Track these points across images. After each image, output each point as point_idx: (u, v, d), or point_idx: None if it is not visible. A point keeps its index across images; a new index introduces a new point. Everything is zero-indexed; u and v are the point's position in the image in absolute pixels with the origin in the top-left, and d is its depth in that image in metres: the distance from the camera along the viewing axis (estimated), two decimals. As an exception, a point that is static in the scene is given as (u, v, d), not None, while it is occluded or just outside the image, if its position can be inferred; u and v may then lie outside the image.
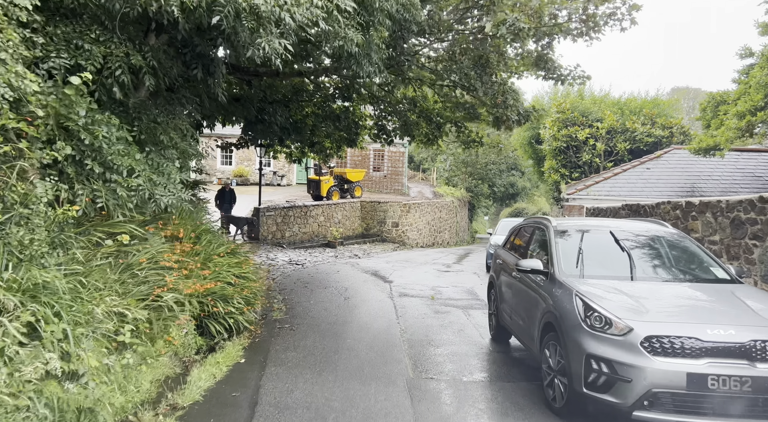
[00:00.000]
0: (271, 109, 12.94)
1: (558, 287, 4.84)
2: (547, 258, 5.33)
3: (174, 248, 6.10)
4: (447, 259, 19.32)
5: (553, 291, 4.87)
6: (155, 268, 5.42)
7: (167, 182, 5.26)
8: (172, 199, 5.08)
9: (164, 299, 5.25)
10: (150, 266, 5.37)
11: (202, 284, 6.32)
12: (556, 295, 4.76)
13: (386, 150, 30.70)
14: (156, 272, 5.48)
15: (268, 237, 19.37)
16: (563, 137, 19.16)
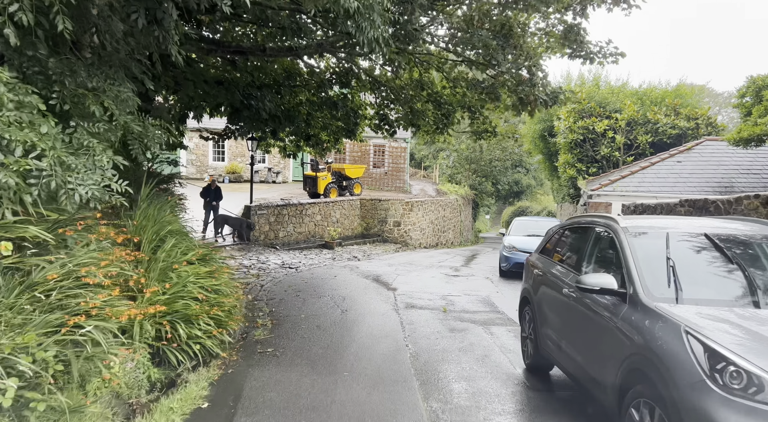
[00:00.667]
0: (258, 94, 11.42)
1: (647, 317, 3.35)
2: (622, 273, 3.82)
3: (112, 257, 4.58)
4: (454, 261, 17.82)
5: (639, 322, 3.38)
6: (77, 286, 3.91)
7: (91, 166, 3.74)
8: (94, 190, 3.57)
9: (86, 331, 3.74)
10: (69, 285, 3.86)
11: (151, 304, 4.81)
12: (647, 328, 3.27)
13: (387, 145, 29.20)
14: (80, 292, 3.97)
15: (260, 238, 17.86)
16: (580, 129, 17.65)
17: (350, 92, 13.94)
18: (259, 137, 16.82)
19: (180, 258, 6.23)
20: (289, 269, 14.06)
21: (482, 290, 11.29)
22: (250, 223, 17.18)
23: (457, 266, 16.19)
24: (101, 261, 4.26)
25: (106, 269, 4.24)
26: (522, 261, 13.04)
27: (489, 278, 13.42)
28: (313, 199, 20.89)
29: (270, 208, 18.18)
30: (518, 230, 14.46)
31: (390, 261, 16.71)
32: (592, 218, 4.83)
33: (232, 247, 16.56)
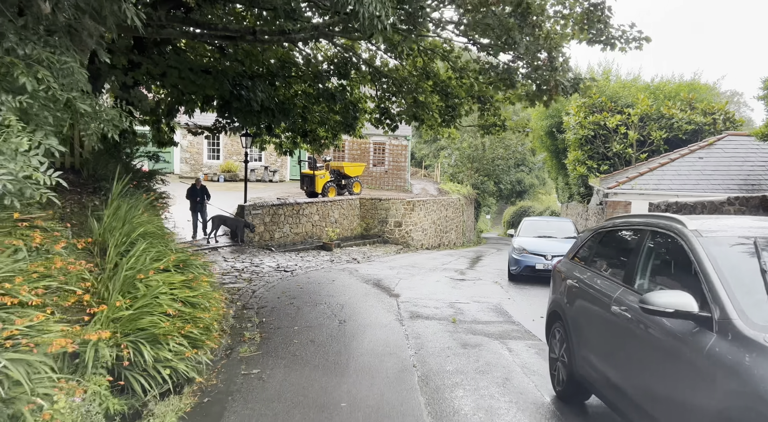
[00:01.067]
0: (249, 83, 10.54)
1: (749, 351, 2.47)
2: (701, 291, 2.94)
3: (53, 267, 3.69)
4: (458, 264, 16.94)
5: (736, 359, 2.50)
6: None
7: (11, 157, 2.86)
8: (6, 181, 2.68)
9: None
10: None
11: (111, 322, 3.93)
12: (751, 369, 2.40)
13: (387, 143, 28.33)
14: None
15: (255, 239, 16.97)
16: (590, 125, 16.78)
17: (349, 84, 13.07)
18: (254, 133, 15.97)
19: (151, 266, 5.35)
20: (284, 273, 13.18)
21: (492, 297, 10.41)
22: (249, 223, 16.31)
23: (463, 269, 15.31)
24: (33, 273, 3.37)
25: (38, 283, 3.35)
26: (532, 264, 12.18)
27: (498, 283, 12.54)
28: (311, 198, 20.02)
29: (265, 208, 17.29)
30: (528, 231, 13.59)
31: (391, 264, 15.83)
32: (646, 219, 3.93)
33: (224, 249, 15.68)
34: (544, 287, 11.86)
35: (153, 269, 5.27)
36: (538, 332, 7.32)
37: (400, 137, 28.24)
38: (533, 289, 11.70)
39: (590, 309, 4.19)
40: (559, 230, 13.44)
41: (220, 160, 27.49)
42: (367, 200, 21.93)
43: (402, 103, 13.28)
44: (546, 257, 12.16)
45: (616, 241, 4.45)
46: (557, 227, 13.64)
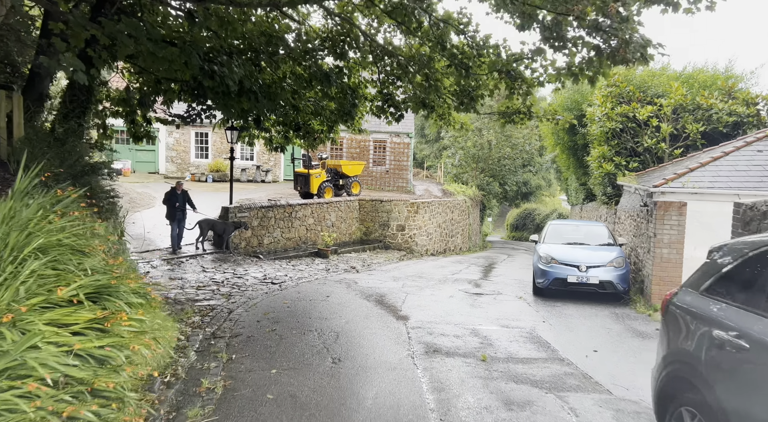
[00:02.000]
0: (224, 58, 8.64)
1: None
2: None
3: None
4: (470, 273, 15.04)
5: None
6: None
7: None
8: None
9: None
10: None
11: None
12: None
13: (388, 141, 26.45)
14: None
15: (241, 245, 15.06)
16: (618, 117, 14.91)
17: (346, 65, 11.20)
18: (241, 126, 14.08)
19: (37, 298, 3.44)
20: (270, 286, 11.28)
21: (523, 319, 8.50)
22: (241, 222, 14.42)
23: (477, 280, 13.41)
24: None
25: None
26: (563, 277, 10.30)
27: (522, 299, 10.65)
28: (306, 200, 18.11)
29: (253, 210, 15.38)
30: (555, 237, 11.69)
31: (395, 274, 13.92)
32: None
33: (206, 257, 13.77)
34: (580, 304, 9.96)
35: (36, 304, 3.35)
36: (600, 376, 5.43)
37: (402, 134, 26.38)
38: (568, 307, 9.81)
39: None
40: (591, 236, 11.56)
41: (208, 159, 25.60)
42: (366, 201, 20.05)
43: (408, 89, 11.41)
44: (579, 269, 10.27)
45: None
46: (589, 232, 11.76)
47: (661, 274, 9.19)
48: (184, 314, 8.24)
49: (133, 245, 13.73)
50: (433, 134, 49.55)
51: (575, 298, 10.55)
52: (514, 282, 13.35)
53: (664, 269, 9.18)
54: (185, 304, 9.12)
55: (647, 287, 9.64)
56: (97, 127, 12.15)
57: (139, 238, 14.57)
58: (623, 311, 9.46)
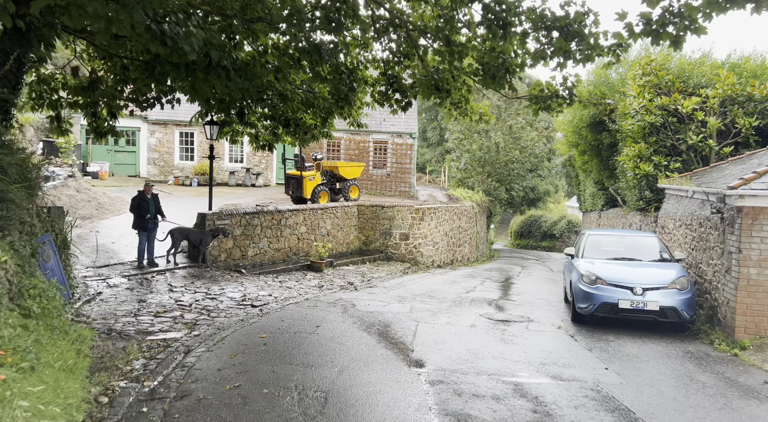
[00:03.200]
0: (181, 17, 6.58)
1: None
2: None
3: None
4: (486, 290, 12.95)
5: None
6: None
7: None
8: None
9: None
10: None
11: None
12: None
13: (390, 142, 24.40)
14: None
15: (220, 258, 12.96)
16: (658, 110, 12.87)
17: (342, 41, 9.14)
18: (222, 121, 12.08)
19: None
20: (249, 310, 9.19)
21: (576, 364, 6.39)
22: (221, 230, 12.29)
23: (497, 300, 11.31)
24: None
25: None
26: (613, 301, 8.21)
27: (563, 328, 8.55)
28: (298, 205, 16.02)
29: (235, 217, 13.29)
30: (596, 251, 9.58)
31: (400, 292, 11.82)
32: None
33: (178, 273, 11.66)
34: (637, 336, 7.66)
35: None
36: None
37: (405, 134, 24.35)
38: (624, 342, 7.70)
39: None
40: (640, 249, 9.47)
41: (194, 161, 23.52)
42: (366, 207, 17.97)
43: (418, 69, 9.36)
44: (634, 291, 8.19)
45: None
46: (637, 245, 9.66)
47: (748, 301, 7.12)
48: (123, 358, 6.14)
49: (91, 259, 11.63)
50: (435, 137, 47.50)
51: (627, 327, 8.46)
52: (541, 303, 11.25)
53: (753, 294, 7.10)
54: (132, 339, 7.02)
55: (727, 317, 7.53)
56: (51, 119, 10.10)
57: (102, 250, 12.48)
58: (698, 348, 7.36)
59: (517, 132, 31.38)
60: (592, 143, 17.18)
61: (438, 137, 47.52)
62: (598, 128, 16.70)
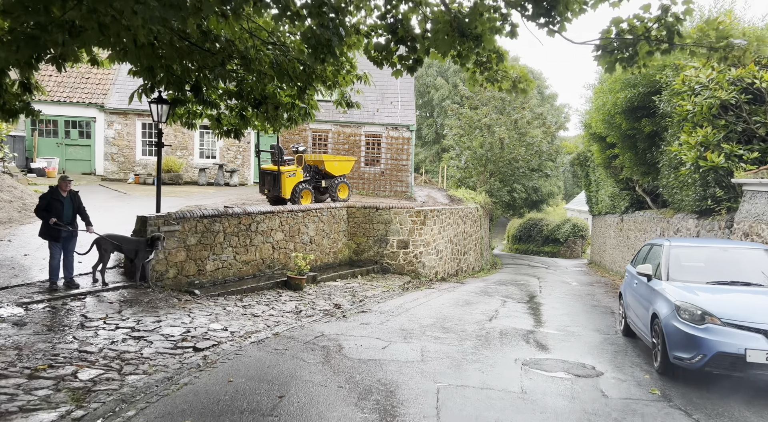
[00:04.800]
0: None
1: None
2: None
3: None
4: (512, 315, 10.08)
5: None
6: None
7: None
8: None
9: None
10: None
11: None
12: None
13: (384, 135, 21.49)
14: None
15: (168, 275, 9.93)
16: (729, 86, 10.08)
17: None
18: (173, 99, 9.11)
19: None
20: (187, 358, 6.25)
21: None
22: (156, 237, 9.20)
23: (532, 331, 8.43)
24: None
25: None
26: (736, 351, 5.35)
27: (658, 392, 5.66)
28: (274, 207, 13.02)
29: (189, 221, 10.28)
30: (688, 270, 6.71)
31: (402, 321, 8.88)
32: None
33: (101, 297, 8.63)
34: None
35: None
36: None
37: (401, 127, 21.46)
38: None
39: None
40: (752, 267, 6.61)
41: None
42: (358, 209, 15.04)
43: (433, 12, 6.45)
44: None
45: None
46: (749, 261, 6.79)
47: None
48: None
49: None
50: (431, 135, 44.71)
51: (754, 392, 5.59)
52: (593, 337, 8.39)
53: None
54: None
55: None
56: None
57: (7, 265, 9.41)
58: None
59: (522, 127, 28.64)
60: (628, 132, 14.39)
61: (434, 134, 44.75)
62: (636, 114, 13.91)
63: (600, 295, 14.31)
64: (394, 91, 22.16)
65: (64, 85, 19.93)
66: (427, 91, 43.81)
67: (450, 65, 44.07)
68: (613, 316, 10.67)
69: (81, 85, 20.08)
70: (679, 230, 13.03)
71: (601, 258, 26.12)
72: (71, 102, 19.62)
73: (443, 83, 42.35)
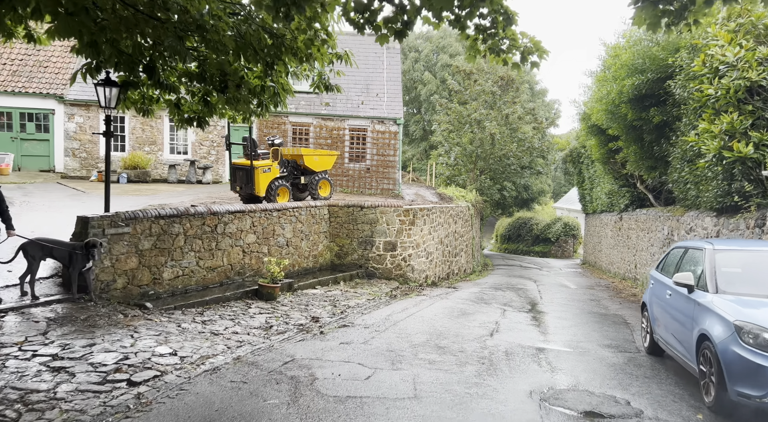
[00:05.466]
0: None
1: None
2: None
3: None
4: (516, 327, 8.81)
5: None
6: None
7: None
8: None
9: None
10: None
11: None
12: None
13: (369, 129, 20.13)
14: None
15: (115, 285, 8.48)
16: (758, 66, 8.89)
17: None
18: (125, 81, 7.69)
19: None
20: (115, 398, 4.88)
21: None
22: (93, 243, 7.71)
23: (543, 350, 7.16)
24: None
25: None
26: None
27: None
28: (246, 205, 11.56)
29: (143, 221, 8.84)
30: (742, 280, 5.46)
31: (390, 337, 7.54)
32: None
33: (27, 314, 7.15)
34: None
35: None
36: None
37: (387, 120, 20.13)
38: None
39: None
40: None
41: (125, 152, 18.85)
42: (340, 208, 13.67)
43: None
44: None
45: None
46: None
47: None
48: None
49: None
50: (418, 132, 43.40)
51: None
52: (611, 353, 7.14)
53: None
54: None
55: None
56: None
57: None
58: None
59: (514, 123, 27.48)
60: (634, 123, 13.21)
61: (422, 131, 43.49)
62: (643, 104, 12.74)
63: (605, 300, 13.12)
64: (380, 82, 20.82)
65: (20, 74, 18.27)
66: (414, 86, 42.51)
67: (438, 59, 42.81)
68: (627, 327, 9.46)
69: (38, 75, 18.42)
70: (692, 229, 11.88)
71: (596, 259, 25.05)
72: (27, 93, 17.97)
73: (431, 78, 41.10)
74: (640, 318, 7.93)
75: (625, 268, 18.68)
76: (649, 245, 15.67)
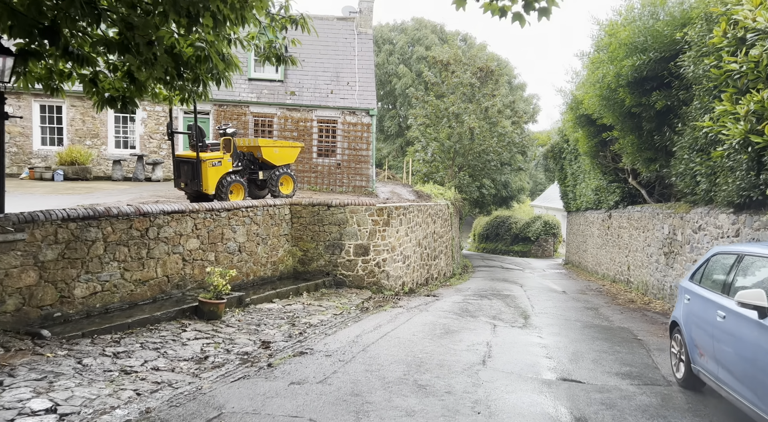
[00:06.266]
0: None
1: None
2: None
3: None
4: (508, 349, 7.27)
5: None
6: None
7: None
8: None
9: None
10: None
11: None
12: None
13: (339, 121, 18.38)
14: None
15: (4, 308, 6.57)
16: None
17: None
18: (22, 49, 5.75)
19: None
20: None
21: None
22: None
23: (554, 384, 5.60)
24: None
25: None
26: None
27: None
28: (190, 205, 9.66)
29: (45, 225, 6.96)
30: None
31: (355, 371, 5.86)
32: None
33: None
34: None
35: None
36: None
37: (359, 111, 18.43)
38: None
39: None
40: None
41: (62, 145, 16.72)
42: (304, 207, 11.93)
43: None
44: None
45: None
46: None
47: None
48: None
49: None
50: (394, 128, 41.76)
51: None
52: (639, 391, 5.60)
53: None
54: None
55: None
56: None
57: None
58: None
59: (493, 116, 26.09)
60: (632, 110, 11.80)
61: (397, 127, 41.89)
62: (644, 87, 11.33)
63: (603, 309, 11.69)
64: (351, 70, 19.11)
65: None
66: (389, 80, 40.87)
67: (413, 52, 41.24)
68: (641, 345, 7.98)
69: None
70: (701, 227, 10.51)
71: (581, 259, 23.82)
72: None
73: (406, 71, 39.53)
74: (669, 342, 6.41)
75: (616, 270, 17.38)
76: (645, 245, 14.35)
